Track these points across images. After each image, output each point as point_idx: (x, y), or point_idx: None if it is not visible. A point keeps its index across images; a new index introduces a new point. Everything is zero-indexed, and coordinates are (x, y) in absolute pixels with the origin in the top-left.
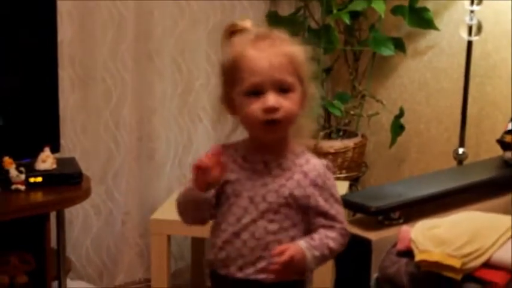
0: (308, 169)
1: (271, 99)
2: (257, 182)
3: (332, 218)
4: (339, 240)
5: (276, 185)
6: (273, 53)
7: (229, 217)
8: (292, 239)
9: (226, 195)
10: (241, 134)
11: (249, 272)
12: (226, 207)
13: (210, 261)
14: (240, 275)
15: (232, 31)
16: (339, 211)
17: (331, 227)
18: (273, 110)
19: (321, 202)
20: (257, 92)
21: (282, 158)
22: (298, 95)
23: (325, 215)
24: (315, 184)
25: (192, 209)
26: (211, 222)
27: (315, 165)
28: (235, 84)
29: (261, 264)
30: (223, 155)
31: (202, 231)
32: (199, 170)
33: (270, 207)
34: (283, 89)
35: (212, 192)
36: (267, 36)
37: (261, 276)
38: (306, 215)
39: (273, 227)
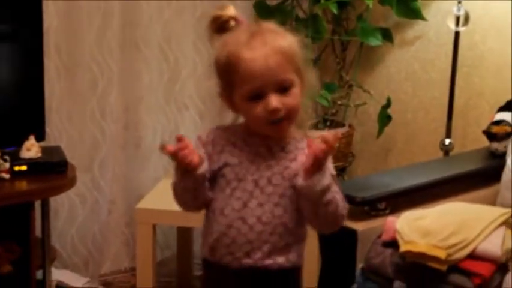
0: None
1: (273, 101)
2: (261, 165)
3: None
4: (341, 197)
5: (281, 167)
6: (268, 51)
7: (233, 201)
8: (296, 223)
9: (227, 180)
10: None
11: (257, 257)
12: (228, 192)
13: (211, 248)
14: (247, 261)
15: (219, 23)
16: (336, 184)
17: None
18: (276, 111)
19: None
20: (258, 95)
21: (283, 141)
22: (298, 88)
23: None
24: None
25: (189, 190)
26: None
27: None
28: (234, 87)
29: (268, 248)
30: (219, 139)
31: (188, 220)
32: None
33: (276, 190)
34: (283, 87)
35: (205, 168)
36: (258, 33)
37: (268, 261)
38: None
39: (279, 210)
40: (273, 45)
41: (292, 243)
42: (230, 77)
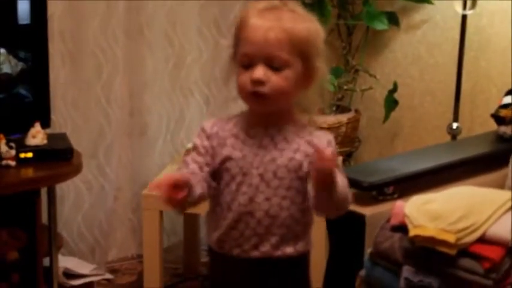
0: (311, 138)
1: (258, 71)
2: (265, 158)
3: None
4: (344, 180)
5: (285, 160)
6: (274, 26)
7: (239, 196)
8: (303, 212)
9: (232, 174)
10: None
11: (264, 250)
12: (234, 187)
13: (219, 241)
14: (255, 253)
15: None
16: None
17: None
18: (259, 82)
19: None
20: (250, 63)
21: (285, 130)
22: (293, 73)
23: None
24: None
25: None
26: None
27: (318, 136)
28: (237, 50)
29: (276, 240)
30: (220, 131)
31: (195, 207)
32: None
33: (282, 184)
34: (275, 65)
35: (201, 190)
36: (277, 8)
37: (277, 253)
38: None
39: (286, 203)
40: (283, 23)
41: (300, 233)
42: (237, 38)
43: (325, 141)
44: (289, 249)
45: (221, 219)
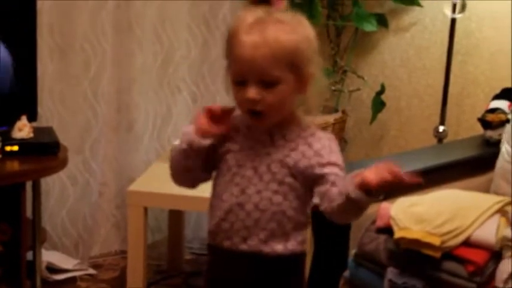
0: (312, 141)
1: (250, 92)
2: (261, 152)
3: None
4: None
5: (280, 155)
6: (260, 42)
7: (232, 187)
8: (295, 210)
9: (228, 165)
10: None
11: (252, 244)
12: (228, 177)
13: (212, 232)
14: (244, 246)
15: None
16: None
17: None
18: (253, 102)
19: (327, 170)
20: (242, 80)
21: (286, 129)
22: (286, 86)
23: (332, 182)
24: (319, 155)
25: (184, 159)
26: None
27: (320, 138)
28: (230, 65)
29: (265, 235)
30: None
31: (180, 203)
32: (209, 114)
33: (275, 178)
34: (266, 82)
35: (207, 142)
36: (263, 21)
37: (265, 248)
38: (310, 189)
39: (278, 198)
40: (269, 37)
41: (291, 231)
42: (228, 52)
43: (326, 143)
44: (278, 247)
45: (215, 210)
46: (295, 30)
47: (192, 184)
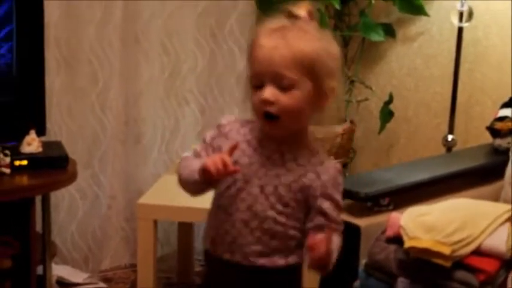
0: (321, 170)
1: (267, 92)
2: (270, 172)
3: (333, 220)
4: (339, 240)
5: (289, 179)
6: (280, 45)
7: (238, 202)
8: (299, 230)
9: (234, 178)
10: None
11: (255, 260)
12: (234, 191)
13: (212, 242)
14: (245, 261)
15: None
16: (338, 215)
17: (330, 228)
18: (268, 102)
19: (326, 204)
20: (260, 83)
21: (297, 152)
22: (303, 93)
23: (326, 216)
24: (325, 186)
25: (193, 184)
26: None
27: (328, 168)
28: (249, 71)
29: (267, 252)
30: (237, 132)
31: (189, 216)
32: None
33: (281, 200)
34: (283, 85)
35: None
36: (285, 27)
37: (268, 264)
38: (307, 214)
39: (281, 218)
40: (289, 42)
41: (294, 248)
42: (249, 57)
43: (333, 174)
44: (280, 261)
45: (217, 220)
46: (317, 40)
47: (200, 194)
